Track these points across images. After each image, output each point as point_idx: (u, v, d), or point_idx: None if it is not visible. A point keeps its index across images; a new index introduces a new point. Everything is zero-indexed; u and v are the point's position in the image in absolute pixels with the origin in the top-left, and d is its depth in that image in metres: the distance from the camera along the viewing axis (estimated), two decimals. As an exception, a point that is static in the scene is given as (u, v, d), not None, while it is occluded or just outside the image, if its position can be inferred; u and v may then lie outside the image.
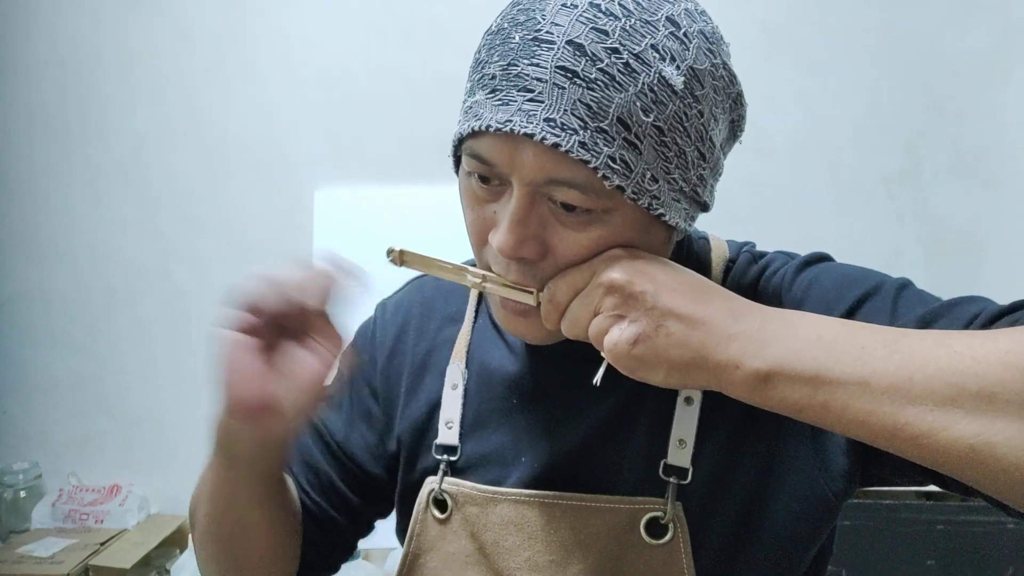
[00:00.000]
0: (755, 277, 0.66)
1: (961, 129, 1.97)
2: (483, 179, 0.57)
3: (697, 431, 0.63)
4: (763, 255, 0.69)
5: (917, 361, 0.46)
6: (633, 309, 0.52)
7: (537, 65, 0.51)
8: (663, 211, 0.56)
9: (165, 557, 1.93)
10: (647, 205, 0.54)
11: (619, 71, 0.51)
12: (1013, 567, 1.57)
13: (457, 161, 0.61)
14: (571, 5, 0.52)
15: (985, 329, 0.51)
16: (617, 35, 0.51)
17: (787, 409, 0.50)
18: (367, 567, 1.76)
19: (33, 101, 2.04)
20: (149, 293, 2.06)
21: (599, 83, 0.51)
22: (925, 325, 0.55)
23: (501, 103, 0.53)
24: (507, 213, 0.55)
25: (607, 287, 0.53)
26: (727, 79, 0.57)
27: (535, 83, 0.51)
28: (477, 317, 0.75)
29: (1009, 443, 0.43)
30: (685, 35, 0.54)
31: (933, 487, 0.55)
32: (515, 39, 0.53)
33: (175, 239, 2.05)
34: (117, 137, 2.05)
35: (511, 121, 0.52)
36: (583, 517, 0.64)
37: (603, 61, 0.51)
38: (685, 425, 0.63)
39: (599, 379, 0.56)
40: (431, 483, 0.70)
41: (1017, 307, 0.53)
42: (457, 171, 0.61)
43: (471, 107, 0.55)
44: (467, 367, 0.72)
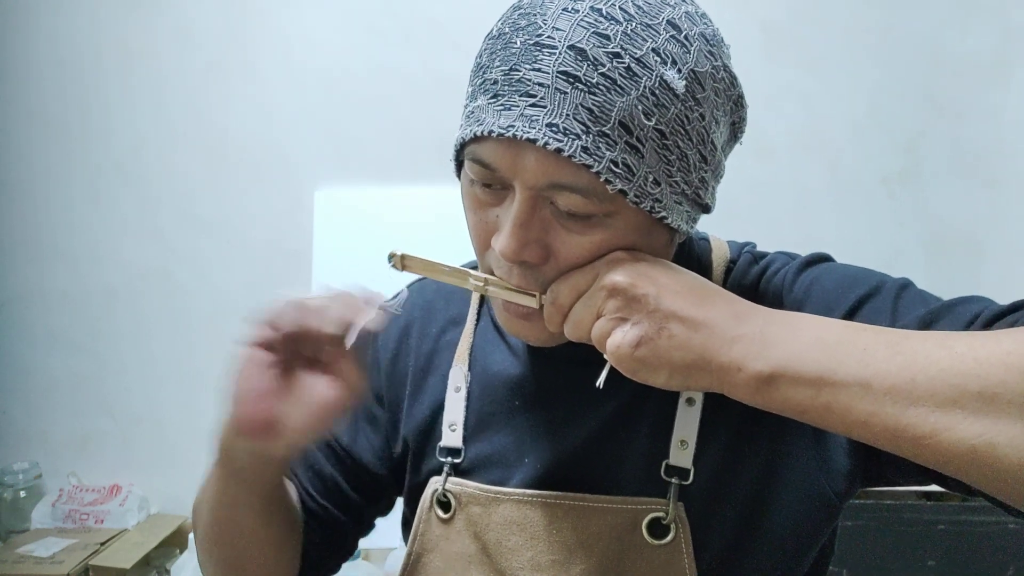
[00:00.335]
0: (756, 278, 0.66)
1: (961, 129, 1.97)
2: (485, 183, 0.57)
3: (699, 432, 0.63)
4: (764, 256, 0.69)
5: (919, 362, 0.46)
6: (636, 312, 0.52)
7: (539, 70, 0.51)
8: (665, 214, 0.56)
9: (165, 557, 1.92)
10: (649, 208, 0.55)
11: (621, 75, 0.51)
12: (1013, 567, 1.58)
13: (459, 165, 0.61)
14: (572, 10, 0.52)
15: (986, 330, 0.52)
16: (618, 39, 0.51)
17: (790, 411, 0.50)
18: (367, 567, 1.76)
19: (33, 101, 2.04)
20: (149, 293, 2.06)
21: (601, 87, 0.51)
22: (926, 326, 0.55)
23: (503, 108, 0.53)
24: (509, 217, 0.55)
25: (610, 290, 0.53)
26: (728, 81, 0.57)
27: (537, 88, 0.51)
28: (479, 320, 0.75)
29: (1011, 443, 0.43)
30: (686, 38, 0.54)
31: (934, 487, 0.56)
32: (516, 44, 0.53)
33: (175, 239, 2.05)
34: (117, 137, 2.04)
35: (513, 126, 0.52)
36: (585, 517, 0.64)
37: (605, 66, 0.51)
38: (687, 426, 0.63)
39: (602, 381, 0.56)
40: (435, 483, 0.70)
41: (1017, 307, 0.53)
42: (459, 175, 0.61)
43: (473, 112, 0.55)
44: (470, 369, 0.72)
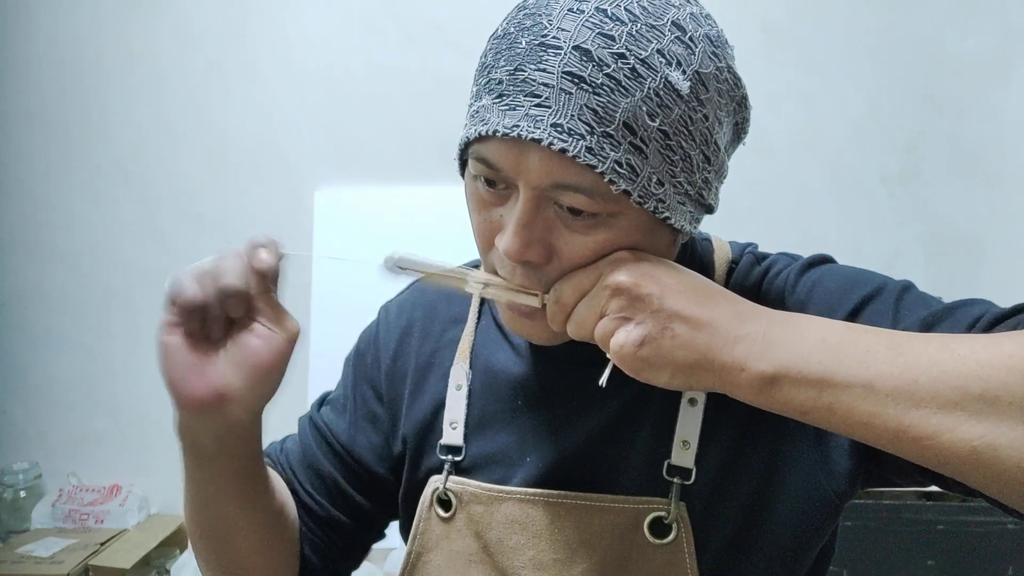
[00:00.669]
0: (758, 279, 0.67)
1: (961, 129, 1.97)
2: (489, 183, 0.57)
3: (701, 432, 0.63)
4: (766, 256, 0.69)
5: (921, 364, 0.46)
6: (639, 311, 0.52)
7: (544, 70, 0.51)
8: (669, 214, 0.56)
9: (165, 557, 1.92)
10: (653, 209, 0.55)
11: (625, 76, 0.51)
12: (1013, 567, 1.58)
13: (463, 164, 0.61)
14: (577, 10, 0.52)
15: (987, 332, 0.52)
16: (623, 40, 0.51)
17: (792, 411, 0.51)
18: (367, 567, 1.76)
19: (33, 101, 2.04)
20: (149, 293, 2.06)
21: (605, 88, 0.51)
22: (927, 328, 0.55)
23: (508, 108, 0.53)
24: (513, 217, 0.55)
25: (613, 289, 0.53)
26: (732, 82, 0.57)
27: (542, 88, 0.51)
28: (480, 318, 0.75)
29: (1012, 445, 0.44)
30: (691, 39, 0.54)
31: (934, 488, 0.56)
32: (522, 44, 0.53)
33: (175, 239, 2.05)
34: (117, 137, 2.04)
35: (518, 126, 0.52)
36: (587, 516, 0.65)
37: (610, 66, 0.51)
38: (689, 426, 0.64)
39: (605, 380, 0.56)
40: (435, 482, 0.70)
41: (1020, 310, 0.53)
42: (463, 174, 0.61)
43: (477, 111, 0.56)
44: (471, 368, 0.72)
